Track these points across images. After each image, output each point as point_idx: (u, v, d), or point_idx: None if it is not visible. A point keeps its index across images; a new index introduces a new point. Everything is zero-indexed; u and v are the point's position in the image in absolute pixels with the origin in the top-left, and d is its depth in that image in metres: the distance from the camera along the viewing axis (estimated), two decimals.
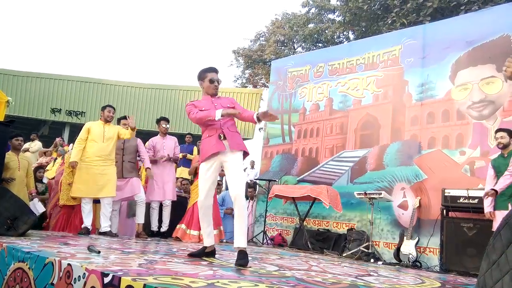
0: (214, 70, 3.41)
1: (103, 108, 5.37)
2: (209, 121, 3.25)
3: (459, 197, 4.95)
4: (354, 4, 11.47)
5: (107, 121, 5.26)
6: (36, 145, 9.44)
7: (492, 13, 5.77)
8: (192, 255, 3.28)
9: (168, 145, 5.85)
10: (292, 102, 7.80)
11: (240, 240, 3.04)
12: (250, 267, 2.89)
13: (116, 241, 4.32)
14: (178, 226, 5.62)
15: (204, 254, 3.33)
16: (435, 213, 5.31)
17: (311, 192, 6.07)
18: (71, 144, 9.60)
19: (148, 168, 5.48)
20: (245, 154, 3.29)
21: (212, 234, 3.44)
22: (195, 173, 5.83)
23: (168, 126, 5.96)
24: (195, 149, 9.28)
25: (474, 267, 4.45)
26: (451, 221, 4.96)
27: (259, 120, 3.11)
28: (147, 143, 5.96)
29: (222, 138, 3.20)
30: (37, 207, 5.58)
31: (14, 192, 4.77)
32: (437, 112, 5.82)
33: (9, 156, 5.14)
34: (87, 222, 4.98)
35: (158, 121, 5.99)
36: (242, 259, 2.93)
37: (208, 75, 3.36)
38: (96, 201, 5.23)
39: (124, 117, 5.77)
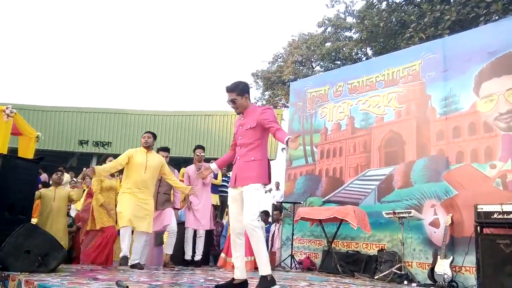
0: (226, 90, 3.27)
1: (143, 135, 5.24)
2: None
3: (493, 213, 4.75)
4: (370, 22, 11.46)
5: (146, 147, 5.09)
6: (65, 177, 9.73)
7: None
8: (219, 287, 3.19)
9: None
10: (313, 123, 7.77)
11: (260, 268, 3.06)
12: None
13: (144, 273, 4.32)
14: (221, 255, 5.95)
15: (232, 286, 3.17)
16: (468, 230, 5.11)
17: (338, 214, 5.96)
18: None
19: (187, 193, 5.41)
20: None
21: (242, 266, 3.25)
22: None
23: (202, 154, 5.92)
24: (219, 173, 9.31)
25: None
26: (486, 238, 4.75)
27: (287, 144, 2.90)
28: (180, 172, 5.98)
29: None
30: None
31: (49, 222, 5.23)
32: (463, 126, 5.67)
33: (45, 190, 5.63)
34: (125, 249, 4.74)
35: (194, 150, 6.05)
36: (259, 285, 2.99)
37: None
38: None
39: (163, 149, 5.75)
